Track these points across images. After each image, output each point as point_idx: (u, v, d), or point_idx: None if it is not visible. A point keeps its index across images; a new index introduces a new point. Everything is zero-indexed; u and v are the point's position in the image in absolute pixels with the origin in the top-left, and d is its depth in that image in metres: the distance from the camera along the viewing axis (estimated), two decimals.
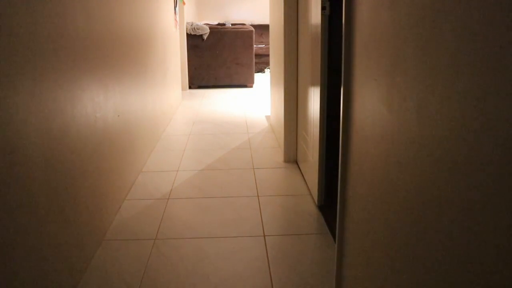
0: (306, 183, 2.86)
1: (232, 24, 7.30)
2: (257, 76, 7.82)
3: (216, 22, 7.73)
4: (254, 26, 7.82)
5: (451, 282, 0.80)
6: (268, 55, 8.18)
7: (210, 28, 6.51)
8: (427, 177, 0.88)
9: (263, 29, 8.35)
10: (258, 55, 8.21)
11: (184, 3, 6.23)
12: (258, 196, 2.69)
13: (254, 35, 6.75)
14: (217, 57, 6.58)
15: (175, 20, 5.28)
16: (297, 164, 3.23)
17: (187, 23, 6.42)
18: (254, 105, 5.50)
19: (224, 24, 7.17)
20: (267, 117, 4.77)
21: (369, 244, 1.28)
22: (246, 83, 6.81)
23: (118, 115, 2.54)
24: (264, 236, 2.20)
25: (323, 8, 2.23)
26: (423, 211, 0.91)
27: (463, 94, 0.74)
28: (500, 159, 0.64)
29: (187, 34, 6.35)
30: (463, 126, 0.74)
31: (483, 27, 0.68)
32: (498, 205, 0.65)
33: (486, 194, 0.68)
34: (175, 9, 5.27)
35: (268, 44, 8.04)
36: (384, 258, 1.15)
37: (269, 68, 6.80)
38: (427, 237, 0.89)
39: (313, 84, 2.51)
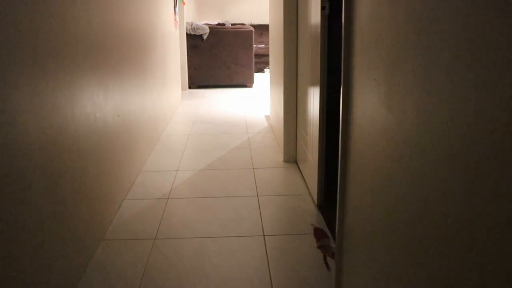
0: (305, 183, 2.86)
1: (232, 24, 7.30)
2: (257, 76, 7.82)
3: (216, 22, 7.73)
4: (254, 26, 7.83)
5: (451, 282, 0.81)
6: (268, 55, 8.18)
7: (210, 28, 6.52)
8: (426, 176, 0.89)
9: (263, 29, 8.36)
10: (258, 55, 8.22)
11: (184, 3, 6.23)
12: (257, 196, 2.69)
13: (254, 35, 6.75)
14: (217, 57, 6.58)
15: (175, 20, 5.28)
16: (297, 164, 3.23)
17: (187, 23, 6.43)
18: (254, 105, 5.50)
19: (224, 24, 7.18)
20: (267, 117, 4.77)
21: (368, 243, 1.28)
22: (245, 83, 6.81)
23: (118, 115, 2.54)
24: (264, 236, 2.20)
25: (322, 8, 2.24)
26: (423, 211, 0.91)
27: (463, 94, 0.74)
28: (498, 159, 0.65)
29: (187, 34, 6.35)
30: (463, 126, 0.74)
31: (483, 27, 0.68)
32: (496, 204, 0.66)
33: (485, 193, 0.68)
34: (175, 9, 5.27)
35: (268, 44, 8.04)
36: (384, 257, 1.16)
37: (268, 68, 6.80)
38: (427, 236, 0.89)
39: (313, 84, 2.51)
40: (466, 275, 0.75)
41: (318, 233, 1.97)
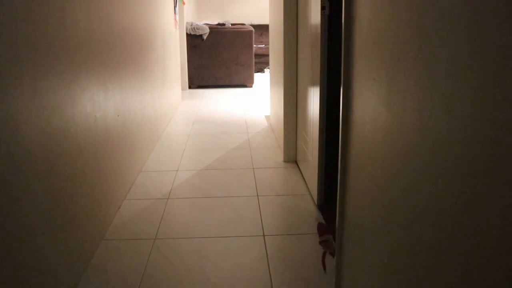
0: (305, 183, 2.86)
1: (232, 24, 7.30)
2: (257, 76, 7.82)
3: (216, 22, 7.73)
4: (254, 26, 7.82)
5: (451, 280, 0.81)
6: (268, 55, 8.18)
7: (210, 28, 6.52)
8: (426, 176, 0.89)
9: (263, 29, 8.35)
10: (258, 55, 8.21)
11: (184, 3, 6.23)
12: (257, 196, 2.69)
13: (254, 35, 6.75)
14: (216, 57, 6.58)
15: (175, 20, 5.28)
16: (297, 164, 3.23)
17: (187, 23, 6.43)
18: (254, 105, 5.50)
19: (224, 24, 7.17)
20: (267, 117, 4.77)
21: (368, 243, 1.28)
22: (245, 83, 6.81)
23: (118, 115, 2.54)
24: (264, 236, 2.20)
25: (322, 8, 2.24)
26: (423, 210, 0.91)
27: (463, 94, 0.74)
28: (498, 158, 0.65)
29: (187, 34, 6.35)
30: (462, 126, 0.74)
31: (483, 27, 0.68)
32: (496, 203, 0.66)
33: (485, 193, 0.68)
34: (175, 9, 5.27)
35: (268, 44, 8.04)
36: (383, 257, 1.16)
37: (268, 68, 6.80)
38: (427, 236, 0.89)
39: (313, 84, 2.51)
40: (466, 273, 0.75)
41: (321, 228, 1.97)
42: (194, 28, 6.38)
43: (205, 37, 6.45)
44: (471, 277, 0.73)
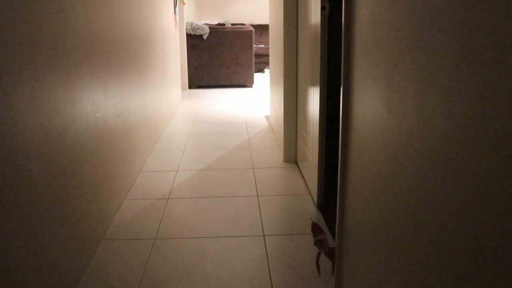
0: (305, 183, 2.86)
1: (232, 24, 7.30)
2: (257, 76, 7.82)
3: (216, 22, 7.73)
4: (254, 26, 7.82)
5: (451, 281, 0.81)
6: (268, 55, 8.18)
7: (210, 28, 6.52)
8: (426, 176, 0.89)
9: (263, 29, 8.36)
10: (258, 55, 8.21)
11: (184, 3, 6.23)
12: (257, 196, 2.69)
13: (254, 35, 6.75)
14: (216, 57, 6.58)
15: (175, 20, 5.28)
16: (297, 164, 3.23)
17: (187, 23, 6.43)
18: (254, 105, 5.50)
19: (224, 24, 7.18)
20: (267, 117, 4.77)
21: (368, 244, 1.28)
22: (245, 83, 6.81)
23: (118, 115, 2.54)
24: (264, 236, 2.20)
25: (322, 8, 2.24)
26: (423, 211, 0.91)
27: (463, 94, 0.74)
28: (498, 158, 0.65)
29: (187, 34, 6.35)
30: (462, 126, 0.74)
31: (483, 27, 0.68)
32: (496, 203, 0.66)
33: (485, 193, 0.68)
34: (175, 9, 5.27)
35: (268, 44, 8.04)
36: (383, 257, 1.16)
37: (268, 68, 6.80)
38: (427, 237, 0.89)
39: (313, 84, 2.51)
40: (466, 275, 0.75)
41: (315, 228, 1.97)
42: (194, 28, 6.39)
43: (205, 37, 6.45)
44: (472, 278, 0.73)
